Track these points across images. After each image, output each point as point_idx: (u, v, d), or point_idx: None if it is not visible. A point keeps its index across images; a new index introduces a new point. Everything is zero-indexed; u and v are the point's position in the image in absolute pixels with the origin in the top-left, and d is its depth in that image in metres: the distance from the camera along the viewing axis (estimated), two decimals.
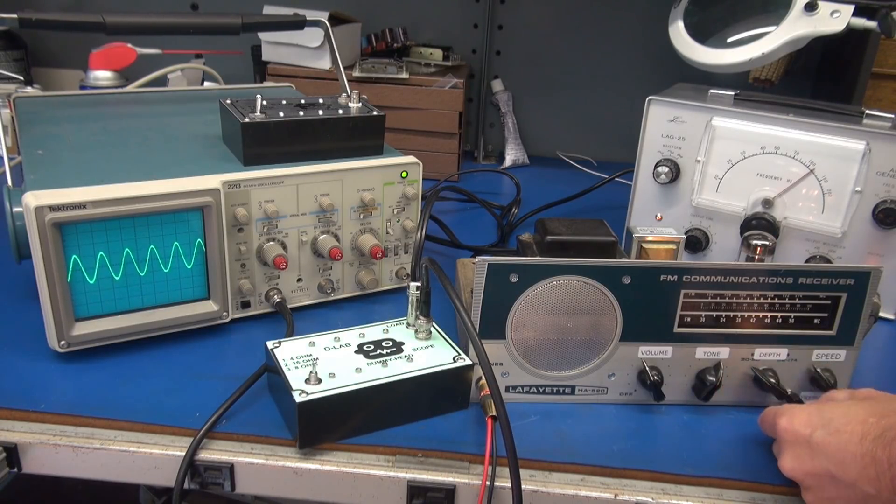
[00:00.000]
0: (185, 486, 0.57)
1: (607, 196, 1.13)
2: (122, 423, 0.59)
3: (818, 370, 0.65)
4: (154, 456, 0.57)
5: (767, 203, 0.82)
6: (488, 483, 0.55)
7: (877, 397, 0.55)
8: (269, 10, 1.16)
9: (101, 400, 0.61)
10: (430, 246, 0.92)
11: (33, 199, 0.60)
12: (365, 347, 0.63)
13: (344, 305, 0.79)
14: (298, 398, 0.55)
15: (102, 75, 1.18)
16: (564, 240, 0.68)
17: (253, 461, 0.57)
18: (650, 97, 0.87)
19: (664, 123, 0.86)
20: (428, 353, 0.63)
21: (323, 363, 0.60)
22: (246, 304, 0.74)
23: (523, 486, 0.54)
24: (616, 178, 1.14)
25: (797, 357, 0.65)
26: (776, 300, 0.63)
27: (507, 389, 0.64)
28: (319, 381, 0.58)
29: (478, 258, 0.60)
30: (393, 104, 1.20)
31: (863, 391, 0.57)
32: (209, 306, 0.70)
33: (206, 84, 1.25)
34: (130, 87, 1.11)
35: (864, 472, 0.48)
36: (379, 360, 0.61)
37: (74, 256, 0.63)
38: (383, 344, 0.64)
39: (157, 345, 0.69)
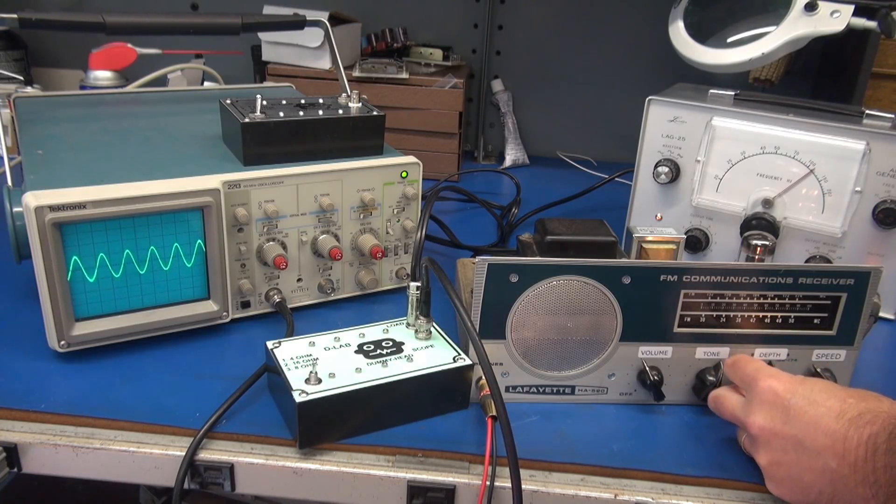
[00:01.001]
0: (185, 486, 0.57)
1: (607, 196, 1.13)
2: (122, 423, 0.59)
3: (818, 370, 0.65)
4: (154, 456, 0.57)
5: (767, 203, 0.82)
6: (488, 483, 0.55)
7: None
8: (269, 10, 1.16)
9: (101, 400, 0.61)
10: (430, 246, 0.92)
11: (33, 199, 0.60)
12: (365, 347, 0.63)
13: (344, 305, 0.79)
14: (298, 398, 0.55)
15: (102, 75, 1.18)
16: (564, 240, 0.68)
17: (253, 461, 0.57)
18: (650, 97, 0.87)
19: (664, 123, 0.86)
20: (428, 353, 0.63)
21: (323, 363, 0.60)
22: (246, 304, 0.74)
23: (523, 486, 0.54)
24: (616, 178, 1.14)
25: (797, 357, 0.65)
26: (776, 300, 0.63)
27: (507, 389, 0.64)
28: (319, 381, 0.58)
29: (478, 258, 0.60)
30: (393, 104, 1.20)
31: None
32: (209, 306, 0.70)
33: (206, 84, 1.25)
34: (130, 87, 1.11)
35: (831, 447, 0.49)
36: (379, 360, 0.61)
37: (74, 256, 0.63)
38: (383, 344, 0.64)
39: (157, 345, 0.69)
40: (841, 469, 0.48)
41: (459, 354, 0.63)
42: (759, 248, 0.70)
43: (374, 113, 0.76)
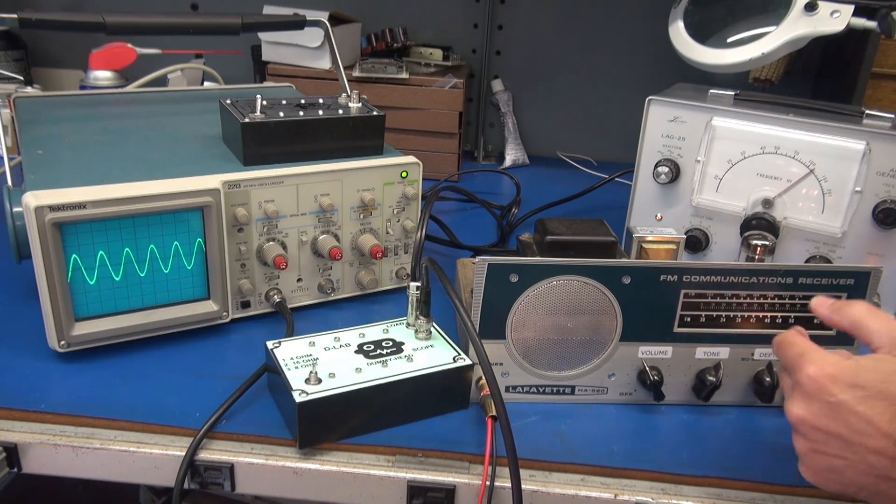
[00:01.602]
0: (185, 486, 0.57)
1: (607, 196, 1.13)
2: (122, 423, 0.59)
3: None
4: (154, 456, 0.57)
5: (767, 203, 0.82)
6: (488, 483, 0.55)
7: None
8: (269, 10, 1.16)
9: (101, 400, 0.61)
10: (430, 246, 0.92)
11: (33, 199, 0.60)
12: (365, 347, 0.63)
13: (344, 305, 0.79)
14: (298, 398, 0.55)
15: (102, 75, 1.17)
16: (564, 240, 0.68)
17: (253, 461, 0.57)
18: (650, 97, 0.87)
19: (664, 123, 0.86)
20: (428, 353, 0.63)
21: (323, 363, 0.60)
22: (246, 304, 0.74)
23: (523, 486, 0.54)
24: (616, 178, 1.14)
25: None
26: (776, 300, 0.63)
27: (507, 389, 0.64)
28: (319, 381, 0.58)
29: (478, 258, 0.60)
30: (393, 104, 1.20)
31: None
32: (209, 306, 0.70)
33: (206, 84, 1.25)
34: (130, 87, 1.11)
35: (883, 450, 0.47)
36: (379, 360, 0.61)
37: (74, 256, 0.63)
38: (383, 344, 0.64)
39: (157, 345, 0.69)
40: (892, 472, 0.47)
41: (459, 354, 0.63)
42: (759, 248, 0.70)
43: (374, 113, 0.76)
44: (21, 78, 1.26)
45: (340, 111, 0.75)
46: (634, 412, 0.65)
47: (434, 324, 0.66)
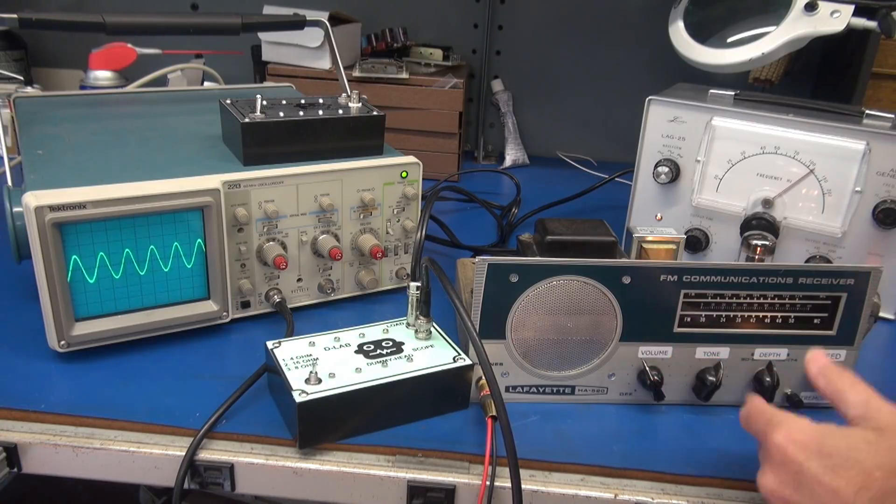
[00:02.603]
0: (185, 486, 0.57)
1: (607, 196, 1.12)
2: (122, 423, 0.59)
3: None
4: (154, 456, 0.57)
5: (767, 203, 0.82)
6: (488, 483, 0.55)
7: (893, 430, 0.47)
8: (269, 10, 1.16)
9: (101, 400, 0.61)
10: (430, 246, 0.92)
11: (33, 199, 0.60)
12: (365, 347, 0.63)
13: (344, 305, 0.79)
14: (298, 398, 0.55)
15: (102, 75, 1.18)
16: (564, 240, 0.68)
17: (253, 461, 0.57)
18: (650, 97, 0.87)
19: (664, 123, 0.86)
20: (428, 353, 0.63)
21: (323, 363, 0.60)
22: (246, 304, 0.74)
23: (523, 486, 0.54)
24: (616, 178, 1.14)
25: (797, 357, 0.65)
26: (776, 300, 0.63)
27: (507, 389, 0.64)
28: (319, 381, 0.58)
29: (478, 258, 0.60)
30: (393, 104, 1.20)
31: (885, 412, 0.48)
32: (209, 306, 0.70)
33: (206, 84, 1.25)
34: (130, 87, 1.11)
35: None
36: (379, 360, 0.61)
37: (74, 256, 0.63)
38: (383, 344, 0.64)
39: (157, 345, 0.69)
40: None
41: (459, 354, 0.63)
42: (759, 248, 0.70)
43: (374, 113, 0.76)
44: (21, 78, 1.26)
45: (340, 111, 0.75)
46: (634, 412, 0.65)
47: (434, 324, 0.66)
